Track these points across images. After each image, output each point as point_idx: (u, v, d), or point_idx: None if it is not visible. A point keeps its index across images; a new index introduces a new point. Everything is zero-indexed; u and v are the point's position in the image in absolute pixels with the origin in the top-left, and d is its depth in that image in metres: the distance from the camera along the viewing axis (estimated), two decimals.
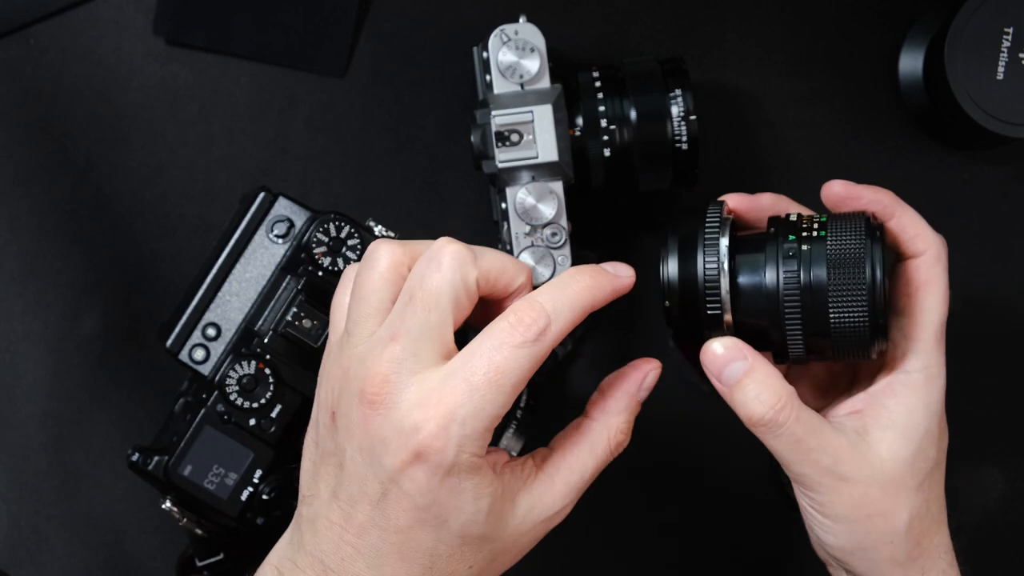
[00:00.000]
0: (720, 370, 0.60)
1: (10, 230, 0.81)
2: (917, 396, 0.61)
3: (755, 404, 0.59)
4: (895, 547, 0.61)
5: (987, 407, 0.84)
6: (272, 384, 0.69)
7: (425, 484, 0.56)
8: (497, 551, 0.58)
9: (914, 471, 0.61)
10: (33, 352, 0.81)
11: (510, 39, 0.72)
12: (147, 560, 0.81)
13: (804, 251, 0.59)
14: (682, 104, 0.73)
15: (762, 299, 0.60)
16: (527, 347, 0.56)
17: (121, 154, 0.81)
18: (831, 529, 0.62)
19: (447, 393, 0.55)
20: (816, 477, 0.60)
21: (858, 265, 0.59)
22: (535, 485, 0.59)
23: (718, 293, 0.60)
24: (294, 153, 0.82)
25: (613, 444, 0.60)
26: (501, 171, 0.73)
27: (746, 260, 0.61)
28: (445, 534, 0.57)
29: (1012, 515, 0.84)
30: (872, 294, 0.59)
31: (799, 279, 0.59)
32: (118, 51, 0.81)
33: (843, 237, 0.60)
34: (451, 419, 0.55)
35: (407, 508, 0.56)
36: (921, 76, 0.81)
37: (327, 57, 0.81)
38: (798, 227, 0.61)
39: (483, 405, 0.55)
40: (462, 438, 0.55)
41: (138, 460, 0.70)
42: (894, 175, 0.83)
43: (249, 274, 0.71)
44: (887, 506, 0.61)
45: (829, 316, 0.59)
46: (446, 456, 0.55)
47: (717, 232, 0.61)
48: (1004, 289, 0.84)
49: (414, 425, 0.55)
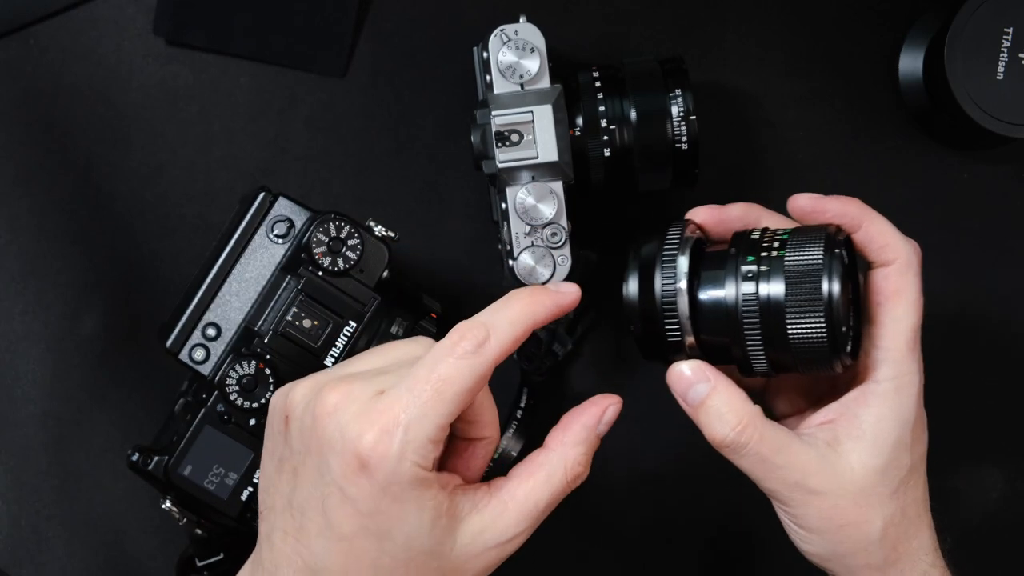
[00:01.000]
0: (684, 392, 0.62)
1: (10, 230, 0.81)
2: (888, 405, 0.61)
3: (718, 426, 0.61)
4: (870, 554, 0.62)
5: (987, 407, 0.84)
6: (272, 384, 0.69)
7: (368, 490, 0.56)
8: (446, 571, 0.58)
9: (886, 480, 0.61)
10: (33, 352, 0.81)
11: (510, 39, 0.72)
12: (147, 560, 0.81)
13: (763, 271, 0.60)
14: (682, 104, 0.73)
15: (723, 317, 0.61)
16: (467, 358, 0.57)
17: (121, 154, 0.81)
18: (807, 539, 0.63)
19: (391, 402, 0.57)
20: (785, 492, 0.61)
21: (815, 279, 0.59)
22: (487, 509, 0.59)
23: (676, 316, 0.61)
24: (294, 153, 0.82)
25: (570, 476, 0.60)
26: (501, 171, 0.73)
27: (708, 278, 0.61)
28: (389, 545, 0.57)
29: (1012, 515, 0.84)
30: (829, 308, 0.59)
31: (757, 295, 0.60)
32: (118, 51, 0.81)
33: (802, 252, 0.60)
34: (394, 425, 0.56)
35: (351, 514, 0.57)
36: (921, 76, 0.81)
37: (327, 57, 0.81)
38: (759, 244, 0.61)
39: (425, 412, 0.56)
40: (404, 444, 0.56)
41: (138, 460, 0.70)
42: (894, 175, 0.83)
43: (249, 274, 0.71)
44: (859, 516, 0.61)
45: (787, 331, 0.59)
46: (388, 463, 0.56)
47: (675, 252, 0.62)
48: (1004, 289, 0.84)
49: (359, 432, 0.56)
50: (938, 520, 0.65)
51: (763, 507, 0.83)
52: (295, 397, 0.60)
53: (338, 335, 0.70)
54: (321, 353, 0.69)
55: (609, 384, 0.82)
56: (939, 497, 0.73)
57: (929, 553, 0.63)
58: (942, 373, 0.83)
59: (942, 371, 0.83)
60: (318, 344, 0.69)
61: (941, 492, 0.83)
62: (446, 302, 0.75)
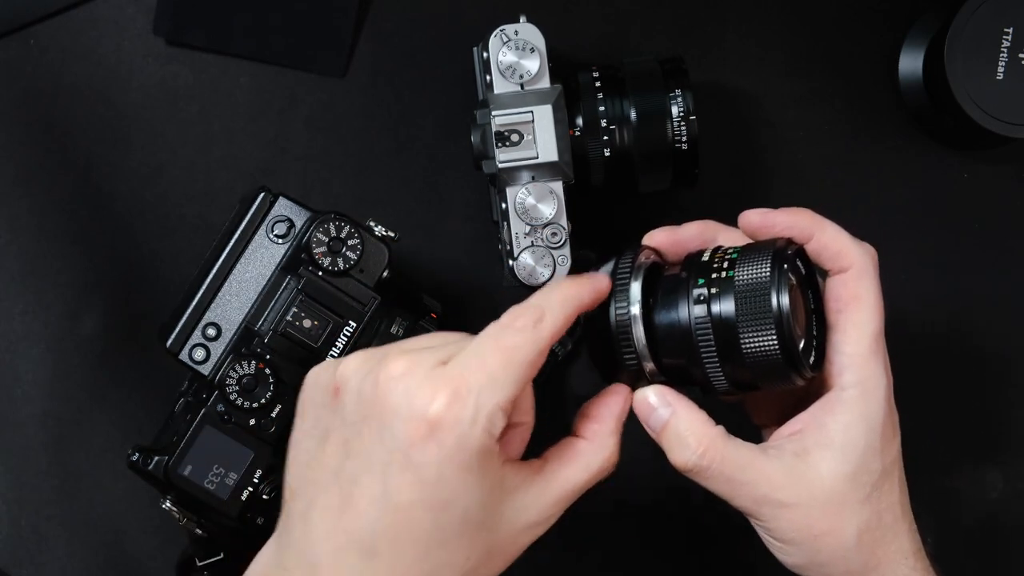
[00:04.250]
0: (647, 417, 0.62)
1: (10, 230, 0.81)
2: (854, 412, 0.61)
3: (680, 451, 0.61)
4: (848, 560, 0.62)
5: (987, 407, 0.84)
6: (272, 384, 0.69)
7: (435, 457, 0.55)
8: (493, 547, 0.58)
9: (857, 486, 0.61)
10: (33, 352, 0.81)
11: (510, 39, 0.72)
12: (147, 560, 0.81)
13: (713, 292, 0.60)
14: (682, 104, 0.73)
15: (679, 340, 0.61)
16: (527, 331, 0.57)
17: (121, 154, 0.81)
18: (784, 550, 0.63)
19: (462, 370, 0.56)
20: (755, 508, 0.62)
21: (763, 295, 0.59)
22: (532, 488, 0.59)
23: (631, 343, 0.62)
24: (294, 153, 0.82)
25: (608, 464, 0.61)
26: (501, 171, 0.73)
27: (663, 302, 0.62)
28: (445, 518, 0.56)
29: (1012, 515, 0.84)
30: (779, 322, 0.59)
31: (710, 316, 0.60)
32: (118, 51, 0.81)
33: (750, 268, 0.60)
34: (468, 391, 0.55)
35: (411, 482, 0.55)
36: (921, 76, 0.81)
37: (327, 57, 0.81)
38: (709, 265, 0.61)
39: (497, 378, 0.56)
40: (477, 410, 0.55)
41: (138, 460, 0.70)
42: (894, 175, 0.83)
43: (249, 274, 0.71)
44: (832, 524, 0.61)
45: (742, 348, 0.59)
46: (461, 428, 0.55)
47: (628, 279, 0.62)
48: (1004, 289, 0.84)
49: (430, 395, 0.55)
50: (937, 520, 0.65)
51: None
52: (347, 368, 0.59)
53: (338, 335, 0.70)
54: (321, 353, 0.69)
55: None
56: (939, 497, 0.74)
57: (909, 556, 0.63)
58: (942, 373, 0.83)
59: (942, 371, 0.83)
60: (318, 344, 0.69)
61: (941, 492, 0.83)
62: (446, 302, 0.75)
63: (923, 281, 0.82)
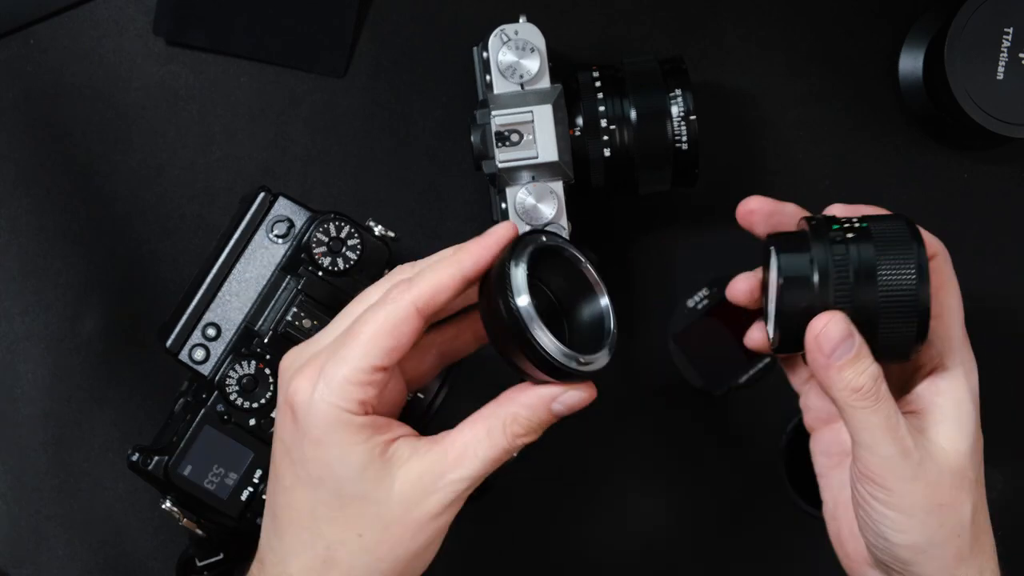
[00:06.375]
0: (835, 346, 0.59)
1: (10, 230, 0.81)
2: (963, 390, 0.62)
3: (863, 376, 0.59)
4: (962, 540, 0.61)
5: (987, 407, 0.83)
6: (272, 384, 0.69)
7: (294, 436, 0.59)
8: (387, 519, 0.58)
9: (974, 462, 0.62)
10: (33, 352, 0.81)
11: (510, 39, 0.72)
12: (147, 560, 0.81)
13: (850, 237, 0.59)
14: (682, 104, 0.73)
15: (812, 287, 0.59)
16: (385, 306, 0.59)
17: (121, 154, 0.81)
18: (902, 525, 0.61)
19: (318, 352, 0.60)
20: (897, 460, 0.60)
21: (905, 243, 0.59)
22: (427, 455, 0.59)
23: None
24: (294, 153, 0.82)
25: (509, 433, 0.59)
26: (501, 171, 0.73)
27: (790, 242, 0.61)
28: (323, 493, 0.58)
29: (1012, 515, 0.84)
30: (920, 269, 0.58)
31: (847, 251, 0.59)
32: (118, 51, 0.81)
33: (885, 224, 0.60)
34: (315, 370, 0.59)
35: (288, 465, 0.59)
36: (921, 76, 0.81)
37: (327, 57, 0.81)
38: (837, 220, 0.61)
39: (344, 355, 0.58)
40: (322, 387, 0.58)
41: (138, 460, 0.70)
42: (894, 175, 0.83)
43: (249, 274, 0.71)
44: (955, 496, 0.61)
45: (879, 284, 0.59)
46: (304, 405, 0.58)
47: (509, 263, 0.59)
48: (1004, 289, 0.84)
49: (290, 381, 0.59)
50: None
51: (765, 505, 0.83)
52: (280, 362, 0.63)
53: None
54: None
55: (606, 384, 0.82)
56: None
57: (995, 553, 0.64)
58: None
59: None
60: None
61: None
62: None
63: None
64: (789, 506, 0.81)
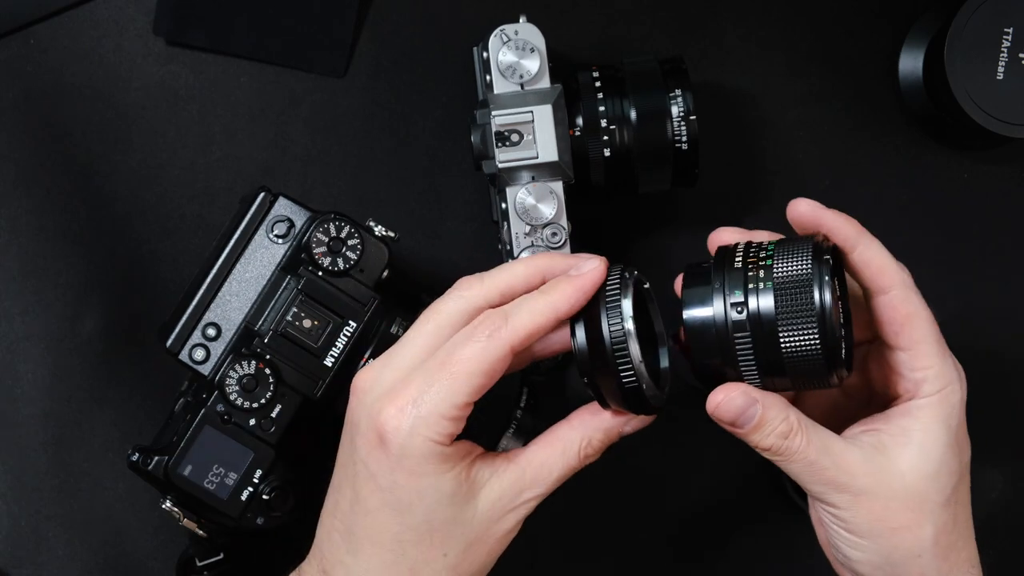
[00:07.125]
0: (735, 418, 0.61)
1: (10, 230, 0.81)
2: (933, 414, 0.62)
3: (768, 438, 0.61)
4: (923, 563, 0.61)
5: (987, 408, 0.83)
6: (272, 384, 0.69)
7: (385, 464, 0.60)
8: (470, 538, 0.61)
9: (938, 487, 0.61)
10: (33, 352, 0.81)
11: (510, 39, 0.72)
12: (147, 560, 0.81)
13: (750, 288, 0.60)
14: (682, 104, 0.73)
15: (712, 337, 0.60)
16: (480, 342, 0.60)
17: (121, 154, 0.81)
18: (857, 545, 0.62)
19: (409, 382, 0.61)
20: (834, 494, 0.61)
21: (806, 290, 0.59)
22: (505, 475, 0.62)
23: (629, 360, 0.60)
24: (294, 153, 0.82)
25: (583, 455, 0.63)
26: (501, 171, 0.73)
27: (690, 298, 0.61)
28: (410, 519, 0.60)
29: (1012, 515, 0.84)
30: (823, 318, 0.58)
31: (747, 312, 0.60)
32: (118, 51, 0.81)
33: (789, 263, 0.60)
34: (408, 402, 0.60)
35: (373, 490, 0.61)
36: (921, 76, 0.81)
37: (327, 57, 0.81)
38: (745, 259, 0.61)
39: (439, 390, 0.60)
40: (416, 420, 0.59)
41: (138, 460, 0.70)
42: (894, 175, 0.83)
43: (249, 274, 0.71)
44: (911, 520, 0.61)
45: (780, 345, 0.59)
46: (400, 437, 0.60)
47: (618, 296, 0.61)
48: (1004, 289, 0.84)
49: (379, 409, 0.60)
50: None
51: (761, 506, 0.83)
52: (355, 380, 0.64)
53: (338, 335, 0.70)
54: (321, 353, 0.69)
55: None
56: None
57: (974, 566, 0.63)
58: None
59: None
60: (318, 344, 0.69)
61: None
62: None
63: (923, 281, 0.82)
64: (788, 506, 0.81)
